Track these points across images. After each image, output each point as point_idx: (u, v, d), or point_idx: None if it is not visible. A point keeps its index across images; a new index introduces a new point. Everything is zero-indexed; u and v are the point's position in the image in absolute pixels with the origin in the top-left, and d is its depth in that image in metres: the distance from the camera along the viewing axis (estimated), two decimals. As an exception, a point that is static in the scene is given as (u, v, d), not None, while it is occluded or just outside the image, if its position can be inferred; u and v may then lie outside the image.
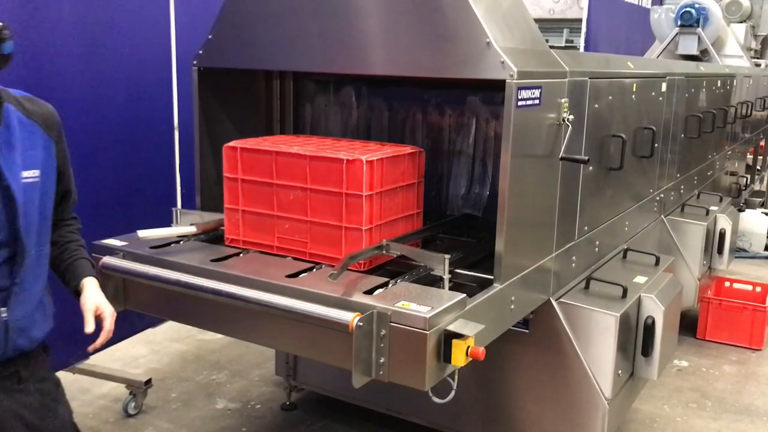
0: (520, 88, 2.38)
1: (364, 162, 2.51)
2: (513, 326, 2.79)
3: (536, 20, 2.89)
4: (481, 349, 2.14)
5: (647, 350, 3.20)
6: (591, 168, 3.09)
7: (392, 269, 2.66)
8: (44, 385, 2.15)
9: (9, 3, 2.99)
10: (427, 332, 2.07)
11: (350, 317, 2.09)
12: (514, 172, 2.44)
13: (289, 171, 2.66)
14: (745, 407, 4.23)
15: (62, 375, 3.67)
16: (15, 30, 2.03)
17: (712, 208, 4.98)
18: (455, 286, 2.46)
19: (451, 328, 2.15)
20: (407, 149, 2.77)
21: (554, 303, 2.96)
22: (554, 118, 2.67)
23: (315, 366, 3.79)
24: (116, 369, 4.17)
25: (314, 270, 2.54)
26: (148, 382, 3.93)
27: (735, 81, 6.04)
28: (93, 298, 2.19)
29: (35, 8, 3.10)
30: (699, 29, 7.06)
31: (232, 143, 2.80)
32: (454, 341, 2.12)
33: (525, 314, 2.81)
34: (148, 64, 3.78)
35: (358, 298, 2.23)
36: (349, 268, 2.47)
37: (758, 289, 5.32)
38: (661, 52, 7.20)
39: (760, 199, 8.33)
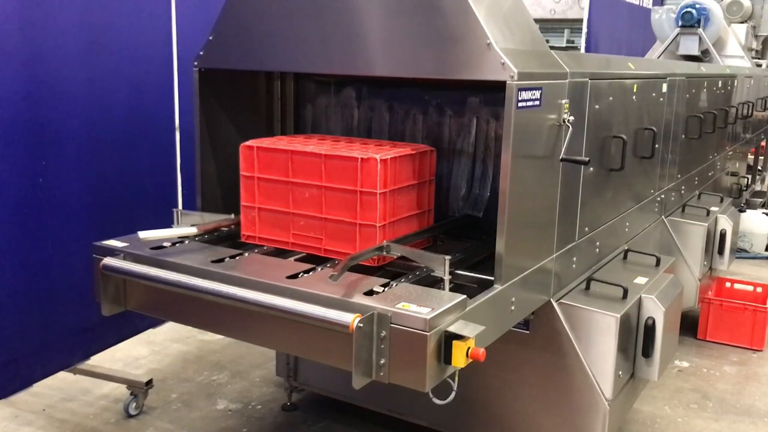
0: (521, 89, 2.38)
1: (378, 160, 2.58)
2: (513, 327, 2.79)
3: (537, 20, 2.90)
4: (482, 350, 2.14)
5: (648, 351, 3.20)
6: (591, 169, 3.09)
7: (393, 270, 2.67)
8: None
9: (9, 3, 2.99)
10: (428, 333, 2.08)
11: (350, 318, 2.09)
12: (514, 173, 2.44)
13: (304, 169, 2.74)
14: (746, 408, 4.23)
15: (63, 375, 3.71)
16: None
17: (713, 208, 4.98)
18: (456, 287, 2.46)
19: (452, 329, 2.15)
20: (419, 148, 2.85)
21: (555, 304, 2.96)
22: (555, 119, 2.67)
23: (316, 367, 3.79)
24: (117, 369, 4.17)
25: (315, 271, 2.54)
26: (149, 383, 3.94)
27: (736, 81, 6.04)
28: None
29: (35, 8, 3.10)
30: (700, 30, 7.06)
31: (249, 142, 2.86)
32: (455, 342, 2.12)
33: (525, 315, 2.81)
34: (149, 64, 3.78)
35: (359, 299, 2.23)
36: (363, 263, 2.53)
37: (759, 289, 5.31)
38: (662, 53, 7.20)
39: (761, 200, 8.33)
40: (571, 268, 3.09)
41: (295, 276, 2.45)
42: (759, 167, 8.65)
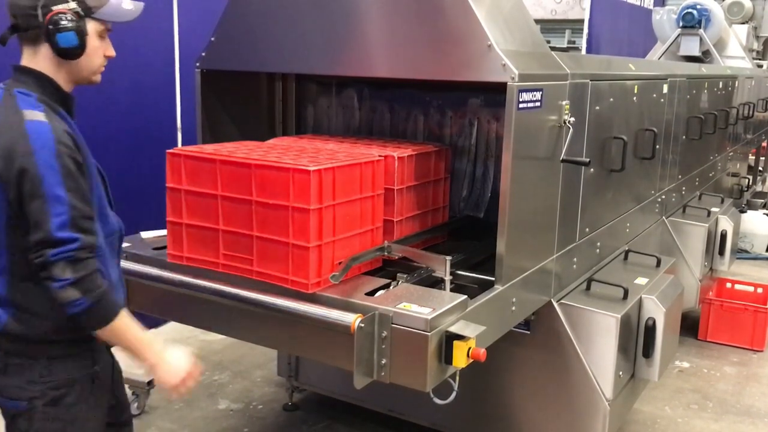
0: (522, 91, 2.39)
1: (396, 158, 2.64)
2: (514, 327, 2.80)
3: (538, 21, 2.91)
4: (482, 351, 2.15)
5: (648, 351, 3.20)
6: (592, 170, 3.10)
7: (394, 270, 2.68)
8: None
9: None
10: (429, 334, 2.08)
11: (352, 318, 2.10)
12: (515, 173, 2.45)
13: None
14: (746, 408, 4.24)
15: (65, 375, 3.71)
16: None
17: (714, 209, 4.98)
18: (456, 288, 2.47)
19: (453, 329, 2.16)
20: (434, 147, 2.91)
21: (555, 304, 2.97)
22: (555, 120, 2.67)
23: (317, 367, 3.80)
24: (119, 369, 4.18)
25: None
26: (151, 383, 3.94)
27: (737, 82, 6.04)
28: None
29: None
30: (701, 30, 7.07)
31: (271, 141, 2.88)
32: (456, 342, 2.13)
33: (526, 315, 2.81)
34: (151, 66, 3.79)
35: (360, 299, 2.24)
36: (383, 257, 2.58)
37: (759, 290, 5.31)
38: (663, 54, 7.21)
39: (762, 201, 8.33)
40: (572, 269, 3.10)
41: (296, 276, 2.46)
42: (760, 168, 8.66)
